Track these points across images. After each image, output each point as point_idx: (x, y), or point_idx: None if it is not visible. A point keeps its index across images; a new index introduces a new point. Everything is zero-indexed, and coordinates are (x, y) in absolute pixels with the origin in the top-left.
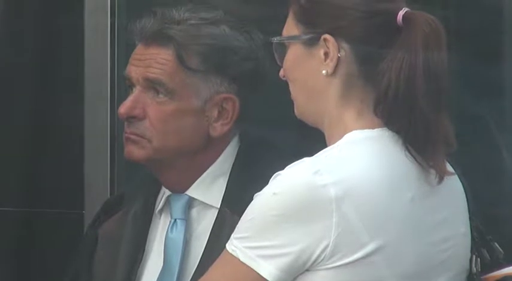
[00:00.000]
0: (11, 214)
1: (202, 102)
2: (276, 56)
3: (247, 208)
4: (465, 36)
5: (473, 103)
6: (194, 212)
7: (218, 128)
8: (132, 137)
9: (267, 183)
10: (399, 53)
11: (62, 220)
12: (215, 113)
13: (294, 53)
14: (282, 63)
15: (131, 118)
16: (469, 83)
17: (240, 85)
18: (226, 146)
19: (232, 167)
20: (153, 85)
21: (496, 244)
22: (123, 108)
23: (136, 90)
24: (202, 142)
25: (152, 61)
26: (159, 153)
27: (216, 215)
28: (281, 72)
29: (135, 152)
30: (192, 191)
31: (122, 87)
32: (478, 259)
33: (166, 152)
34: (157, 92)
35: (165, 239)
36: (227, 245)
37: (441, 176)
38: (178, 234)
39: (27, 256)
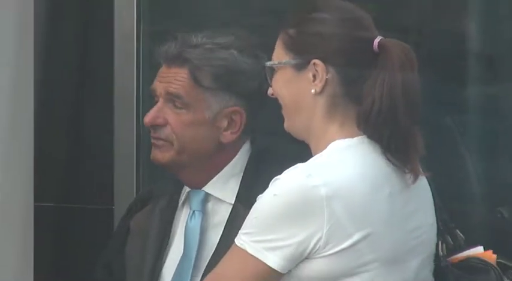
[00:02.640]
0: (52, 209)
1: (214, 114)
2: (268, 77)
3: (252, 208)
4: (433, 61)
5: (440, 116)
6: (209, 205)
7: (228, 136)
8: (158, 142)
9: None
10: (380, 75)
11: (94, 213)
12: (225, 123)
13: (284, 75)
14: (272, 83)
15: (155, 125)
16: (436, 100)
17: (246, 100)
18: (237, 151)
19: (245, 170)
20: (172, 98)
21: (457, 231)
22: (148, 118)
23: (159, 102)
24: (215, 147)
25: (173, 78)
26: (179, 155)
27: (230, 209)
28: (269, 91)
29: (159, 156)
30: (208, 188)
31: (145, 100)
32: (444, 244)
33: (185, 154)
34: (177, 105)
35: (185, 227)
36: (236, 239)
37: (416, 177)
38: (196, 223)
39: (65, 247)
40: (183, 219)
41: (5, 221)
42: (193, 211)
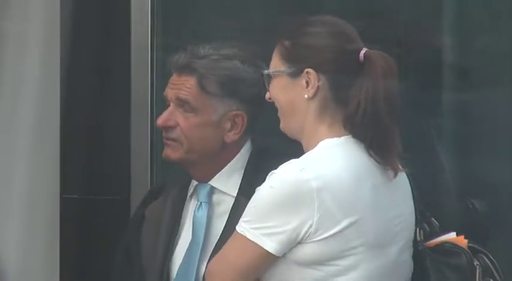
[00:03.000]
0: (76, 200)
1: (219, 117)
2: (266, 84)
3: (252, 198)
4: (411, 69)
5: (417, 118)
6: (215, 197)
7: (231, 136)
8: (169, 142)
9: None
10: (364, 82)
11: (113, 204)
12: (228, 125)
13: (280, 82)
14: (269, 89)
15: (166, 127)
16: (414, 104)
17: (247, 104)
18: (239, 150)
19: (246, 166)
20: (182, 103)
21: (433, 219)
22: (160, 120)
23: (170, 107)
24: (219, 146)
25: (182, 86)
26: (188, 154)
27: (233, 201)
28: (267, 96)
29: (170, 154)
30: (213, 182)
31: (158, 104)
32: (421, 231)
33: (193, 153)
34: (186, 109)
35: (193, 217)
36: (237, 227)
37: (396, 172)
38: (202, 213)
39: (87, 235)
40: (191, 209)
41: (34, 211)
42: (201, 203)
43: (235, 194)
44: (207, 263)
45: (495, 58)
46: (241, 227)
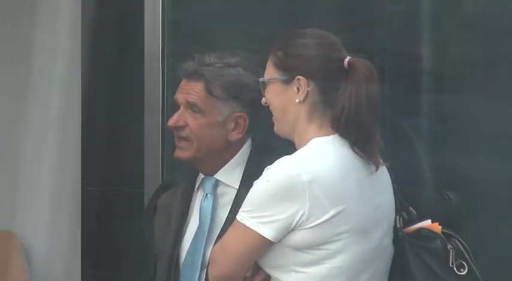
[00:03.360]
0: (95, 191)
1: (224, 118)
2: (262, 90)
3: (250, 191)
4: (391, 75)
5: (396, 119)
6: (219, 189)
7: (234, 135)
8: (180, 142)
9: None
10: (349, 86)
11: (128, 195)
12: (232, 125)
13: (274, 88)
14: (265, 94)
15: (177, 127)
16: (394, 106)
17: (249, 107)
18: (241, 147)
19: (247, 161)
20: (191, 106)
21: (411, 208)
22: (171, 121)
23: (180, 109)
24: (224, 144)
25: (191, 90)
26: (197, 152)
27: (235, 192)
28: (263, 100)
29: (182, 155)
30: (218, 176)
31: (169, 106)
32: (400, 218)
33: (202, 150)
34: (194, 111)
35: (200, 207)
36: (237, 216)
37: (377, 166)
38: (208, 204)
39: (105, 222)
40: (198, 200)
41: (60, 200)
42: (206, 194)
43: (237, 187)
44: (212, 248)
45: (464, 66)
46: (241, 216)
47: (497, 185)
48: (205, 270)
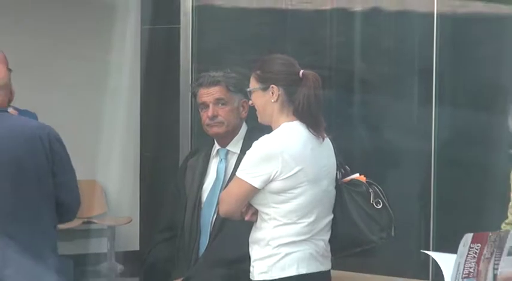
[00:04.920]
0: (148, 156)
1: (237, 104)
2: (248, 95)
3: (244, 156)
4: (331, 82)
5: (335, 109)
6: (228, 155)
7: (243, 114)
8: (215, 123)
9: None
10: (303, 90)
11: (169, 158)
12: (241, 108)
13: (257, 94)
14: (251, 98)
15: (213, 116)
16: (333, 101)
17: (247, 97)
18: (241, 127)
19: (243, 138)
20: (218, 101)
21: (346, 166)
22: (210, 113)
23: (210, 106)
24: (239, 121)
25: (214, 92)
26: (226, 128)
27: (237, 156)
28: (250, 102)
29: (218, 130)
30: (228, 147)
31: (194, 105)
32: (340, 173)
33: (229, 126)
34: (221, 103)
35: (217, 168)
36: (236, 173)
37: (323, 139)
38: (223, 165)
39: (154, 175)
40: (214, 163)
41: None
42: (221, 159)
43: (238, 152)
44: (220, 193)
45: (389, 76)
46: (239, 173)
47: (401, 155)
48: (217, 207)
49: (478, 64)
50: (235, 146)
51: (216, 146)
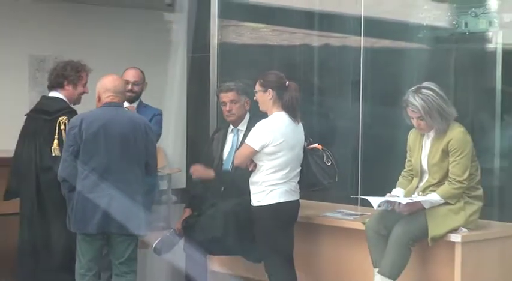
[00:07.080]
0: (191, 134)
1: (243, 102)
2: (255, 95)
3: (250, 132)
4: (304, 88)
5: (306, 104)
6: (239, 132)
7: (246, 108)
8: (231, 114)
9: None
10: (287, 92)
11: (203, 135)
12: (246, 105)
13: (259, 94)
14: (256, 96)
15: (230, 110)
16: (305, 99)
17: (248, 97)
18: (246, 114)
19: (248, 121)
20: (232, 101)
21: (310, 139)
22: (227, 108)
23: (228, 104)
24: (244, 112)
25: (230, 95)
26: (237, 117)
27: (244, 133)
28: (255, 98)
29: (232, 119)
30: (239, 127)
31: (218, 105)
32: (306, 143)
33: (239, 116)
34: (234, 102)
35: (232, 139)
36: (245, 141)
37: (298, 122)
38: (236, 138)
39: (194, 145)
40: (230, 137)
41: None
42: (234, 134)
43: (245, 130)
44: (234, 153)
45: (334, 85)
46: (247, 140)
47: (341, 132)
48: (232, 162)
49: (387, 78)
50: (242, 127)
51: (231, 127)
